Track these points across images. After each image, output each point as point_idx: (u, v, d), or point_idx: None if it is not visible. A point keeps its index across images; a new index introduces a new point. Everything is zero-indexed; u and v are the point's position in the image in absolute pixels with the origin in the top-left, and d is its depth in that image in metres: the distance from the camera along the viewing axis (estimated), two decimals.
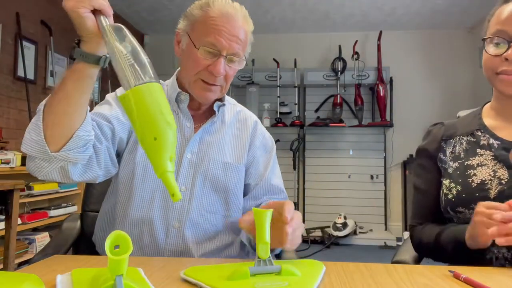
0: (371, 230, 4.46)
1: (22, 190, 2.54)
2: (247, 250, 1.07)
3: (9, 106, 2.95)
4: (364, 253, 3.83)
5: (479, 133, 0.97)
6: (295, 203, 4.86)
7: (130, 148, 0.99)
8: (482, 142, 0.96)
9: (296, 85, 4.66)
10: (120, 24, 0.68)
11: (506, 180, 0.88)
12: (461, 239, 0.83)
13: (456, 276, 0.67)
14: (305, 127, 4.68)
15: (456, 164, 0.97)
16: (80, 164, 0.82)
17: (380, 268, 0.73)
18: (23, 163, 2.60)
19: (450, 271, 0.70)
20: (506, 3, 0.91)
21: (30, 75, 3.13)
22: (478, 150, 0.95)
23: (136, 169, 0.97)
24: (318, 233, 4.27)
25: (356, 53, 4.52)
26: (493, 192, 0.88)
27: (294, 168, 4.62)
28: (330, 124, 4.50)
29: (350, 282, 0.65)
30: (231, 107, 1.13)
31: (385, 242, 4.11)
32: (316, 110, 4.73)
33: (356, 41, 4.57)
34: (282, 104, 4.71)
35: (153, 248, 0.95)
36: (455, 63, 4.60)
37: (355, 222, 4.29)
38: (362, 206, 4.60)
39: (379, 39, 4.53)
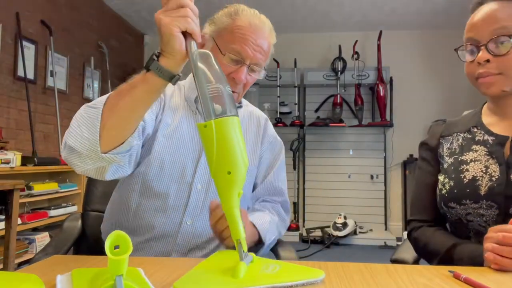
0: (371, 230, 4.46)
1: (22, 190, 2.54)
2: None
3: (9, 106, 2.95)
4: (364, 253, 3.83)
5: (475, 130, 0.99)
6: (294, 203, 4.87)
7: (148, 145, 0.99)
8: (477, 138, 0.97)
9: (296, 85, 4.66)
10: (208, 51, 0.70)
11: (496, 177, 0.88)
12: (477, 261, 0.81)
13: (456, 276, 0.67)
14: (305, 127, 4.68)
15: (451, 159, 0.99)
16: (115, 165, 0.83)
17: (380, 268, 0.73)
18: (23, 163, 2.60)
19: (450, 271, 0.70)
20: (472, 12, 0.94)
21: (30, 75, 3.13)
22: (473, 146, 0.96)
23: (152, 163, 0.96)
24: (318, 233, 4.27)
25: (356, 53, 4.52)
26: (483, 189, 0.89)
27: (294, 168, 4.62)
28: (330, 124, 4.50)
29: (350, 282, 0.65)
30: (244, 108, 1.16)
31: (385, 242, 4.11)
32: (316, 110, 4.73)
33: (356, 41, 4.57)
34: (282, 104, 4.71)
35: (164, 241, 0.95)
36: (455, 63, 4.57)
37: (355, 222, 4.29)
38: (362, 206, 4.60)
39: (379, 39, 4.52)
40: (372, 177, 4.63)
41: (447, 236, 0.95)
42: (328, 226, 4.24)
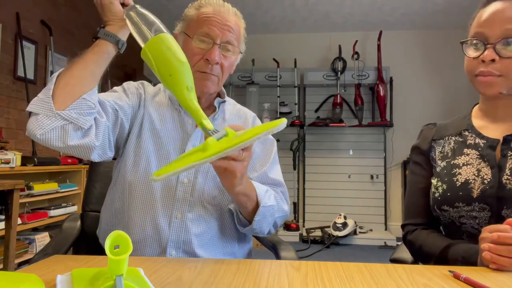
0: (371, 230, 4.46)
1: (22, 190, 2.54)
2: (249, 239, 1.10)
3: (9, 106, 2.95)
4: (364, 253, 3.83)
5: (467, 133, 0.99)
6: (294, 203, 4.87)
7: (133, 141, 1.02)
8: (469, 142, 0.97)
9: (296, 85, 4.66)
10: (133, 4, 0.86)
11: (488, 180, 0.89)
12: (471, 261, 0.81)
13: (456, 276, 0.67)
14: (305, 127, 4.68)
15: (444, 163, 0.99)
16: (80, 132, 0.85)
17: (380, 268, 0.73)
18: (23, 163, 2.60)
19: (450, 271, 0.70)
20: (484, 7, 0.92)
21: (30, 75, 3.13)
22: (465, 150, 0.96)
23: (140, 161, 0.99)
24: (318, 233, 4.27)
25: (356, 53, 4.52)
26: (475, 192, 0.89)
27: (294, 168, 4.62)
28: (330, 124, 4.50)
29: (350, 282, 0.65)
30: (232, 106, 1.17)
31: (385, 242, 4.11)
32: (316, 110, 4.73)
33: (356, 41, 4.57)
34: (282, 104, 4.71)
35: (156, 237, 0.96)
36: (455, 63, 4.59)
37: (355, 222, 4.29)
38: (362, 206, 4.60)
39: (379, 39, 4.53)
40: (372, 177, 4.63)
41: (441, 238, 0.95)
42: (328, 226, 4.24)
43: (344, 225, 4.11)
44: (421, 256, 0.98)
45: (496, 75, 0.87)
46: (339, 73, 4.55)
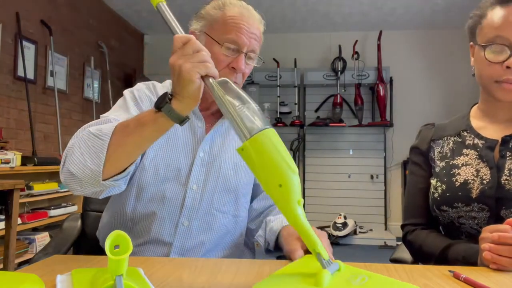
0: (371, 230, 4.46)
1: (22, 190, 2.54)
2: (253, 251, 1.09)
3: (9, 106, 2.95)
4: (364, 253, 3.83)
5: (465, 134, 0.98)
6: None
7: None
8: (467, 142, 0.97)
9: (296, 85, 4.66)
10: (225, 78, 0.69)
11: (487, 180, 0.89)
12: (471, 261, 0.81)
13: (456, 276, 0.67)
14: (305, 127, 4.68)
15: (443, 163, 0.99)
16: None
17: (380, 268, 0.73)
18: (23, 163, 2.60)
19: (450, 271, 0.70)
20: (501, 5, 0.87)
21: (30, 75, 3.13)
22: (464, 150, 0.96)
23: (147, 168, 0.96)
24: None
25: (356, 53, 4.52)
26: (474, 192, 0.89)
27: None
28: (330, 124, 4.50)
29: None
30: None
31: (385, 242, 4.11)
32: (316, 110, 4.73)
33: (356, 41, 4.57)
34: (282, 104, 4.71)
35: (160, 243, 0.95)
36: (455, 63, 4.59)
37: (355, 222, 4.29)
38: (362, 206, 4.60)
39: (379, 39, 4.53)
40: (372, 177, 4.63)
41: (441, 237, 0.95)
42: (328, 226, 4.24)
43: (344, 225, 4.11)
44: (421, 256, 0.98)
45: None
46: (339, 73, 4.55)
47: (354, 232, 4.23)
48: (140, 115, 0.76)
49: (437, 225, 1.02)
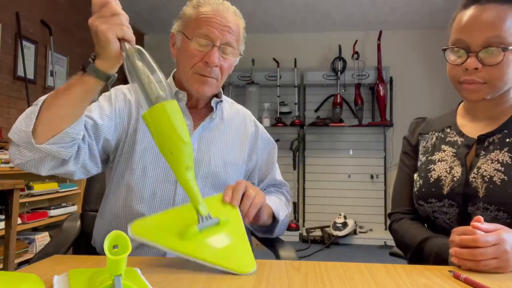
0: (371, 230, 4.46)
1: (22, 189, 2.54)
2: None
3: (9, 106, 2.95)
4: (364, 253, 3.83)
5: (448, 130, 1.01)
6: (294, 203, 4.86)
7: (126, 149, 1.00)
8: (448, 139, 0.99)
9: (296, 84, 4.66)
10: (139, 47, 0.75)
11: (457, 177, 0.91)
12: (443, 258, 0.82)
13: (456, 276, 0.67)
14: (305, 127, 4.68)
15: (424, 158, 1.02)
16: (57, 160, 0.83)
17: (380, 268, 0.73)
18: None
19: (450, 271, 0.70)
20: (464, 9, 0.91)
21: (30, 75, 3.13)
22: (443, 146, 0.98)
23: (135, 169, 0.98)
24: (318, 232, 4.27)
25: (356, 52, 4.52)
26: (445, 189, 0.92)
27: (294, 168, 4.62)
28: (330, 124, 4.50)
29: (350, 282, 0.65)
30: (229, 105, 1.16)
31: (385, 242, 4.11)
32: (316, 110, 4.73)
33: (356, 41, 4.56)
34: (282, 103, 4.71)
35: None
36: None
37: (355, 222, 4.29)
38: (362, 206, 4.60)
39: (379, 39, 4.52)
40: (372, 177, 4.63)
41: (421, 229, 0.96)
42: (328, 226, 4.24)
43: (344, 225, 4.11)
44: (402, 246, 1.00)
45: (480, 82, 0.87)
46: (339, 73, 4.55)
47: (354, 232, 4.23)
48: (70, 79, 0.80)
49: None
